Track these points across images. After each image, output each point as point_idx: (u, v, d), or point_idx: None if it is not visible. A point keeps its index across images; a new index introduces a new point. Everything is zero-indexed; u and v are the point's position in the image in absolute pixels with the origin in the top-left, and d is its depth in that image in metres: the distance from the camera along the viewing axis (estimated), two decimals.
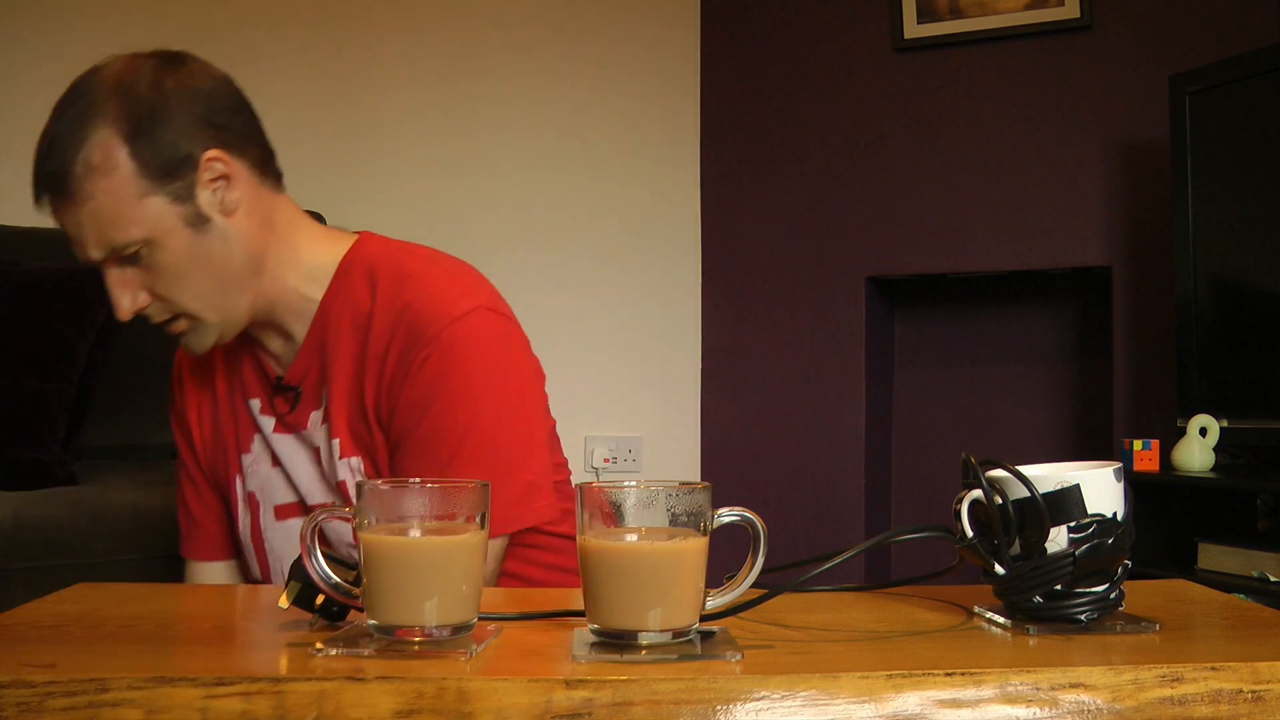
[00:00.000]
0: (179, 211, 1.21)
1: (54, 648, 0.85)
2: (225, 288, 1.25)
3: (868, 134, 3.07)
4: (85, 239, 1.20)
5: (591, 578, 0.82)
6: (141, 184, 1.19)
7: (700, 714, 0.73)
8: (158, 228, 1.20)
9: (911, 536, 0.92)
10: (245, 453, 1.38)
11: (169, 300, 1.24)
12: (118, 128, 1.18)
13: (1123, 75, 2.80)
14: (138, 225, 1.19)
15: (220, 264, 1.24)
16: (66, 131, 1.18)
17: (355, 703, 0.73)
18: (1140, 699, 0.75)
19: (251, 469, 1.37)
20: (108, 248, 1.20)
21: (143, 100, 1.19)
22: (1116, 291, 2.81)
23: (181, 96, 1.21)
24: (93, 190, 1.18)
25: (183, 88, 1.21)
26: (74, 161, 1.17)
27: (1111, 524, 0.87)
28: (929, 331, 3.25)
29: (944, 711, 0.73)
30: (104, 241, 1.20)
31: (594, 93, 3.22)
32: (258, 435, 1.36)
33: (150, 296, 1.23)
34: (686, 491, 0.82)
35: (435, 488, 0.87)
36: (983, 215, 2.95)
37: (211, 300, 1.25)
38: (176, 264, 1.22)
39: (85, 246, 1.21)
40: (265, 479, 1.36)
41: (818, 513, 3.07)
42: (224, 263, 1.24)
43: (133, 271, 1.22)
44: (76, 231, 1.20)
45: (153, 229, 1.20)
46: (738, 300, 3.20)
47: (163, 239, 1.20)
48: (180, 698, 0.73)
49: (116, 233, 1.19)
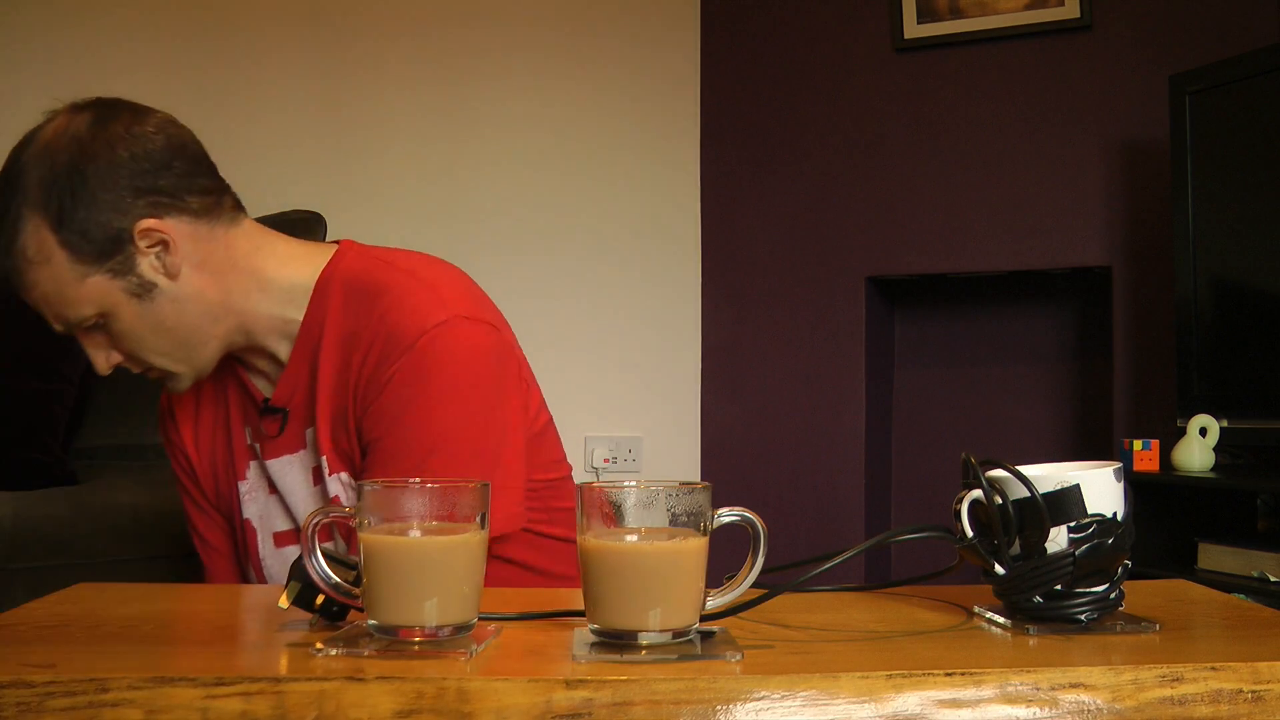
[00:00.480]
0: (121, 285, 1.24)
1: (54, 648, 0.85)
2: (186, 343, 1.28)
3: (868, 134, 3.07)
4: (46, 316, 1.26)
5: (591, 578, 0.82)
6: (77, 268, 1.22)
7: (700, 714, 0.73)
8: (105, 303, 1.24)
9: (911, 536, 0.92)
10: (241, 480, 1.38)
11: (135, 357, 1.28)
12: (46, 217, 1.20)
13: (1123, 75, 2.80)
14: (85, 304, 1.23)
15: (174, 324, 1.27)
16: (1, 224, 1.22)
17: (355, 703, 0.73)
18: (1140, 699, 0.75)
19: (249, 496, 1.37)
20: (66, 323, 1.26)
21: (65, 185, 1.20)
22: (1116, 291, 2.81)
23: (107, 172, 1.21)
24: (35, 279, 1.22)
25: (110, 161, 1.21)
26: (12, 255, 1.22)
27: (1111, 524, 0.87)
28: (929, 331, 3.25)
29: (944, 711, 0.73)
30: (61, 318, 1.25)
31: (594, 93, 3.21)
32: (253, 462, 1.37)
33: (120, 354, 1.28)
34: (686, 491, 0.82)
35: (435, 488, 0.87)
36: (983, 215, 2.95)
37: (175, 355, 1.29)
38: (133, 331, 1.26)
39: (49, 321, 1.27)
40: (264, 506, 1.37)
41: (818, 513, 3.07)
42: (178, 322, 1.27)
43: (100, 335, 1.27)
44: (37, 310, 1.26)
45: (100, 305, 1.24)
46: (738, 300, 3.20)
47: (113, 311, 1.24)
48: (180, 698, 0.73)
49: (69, 311, 1.24)
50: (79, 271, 1.21)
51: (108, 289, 1.23)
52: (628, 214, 3.21)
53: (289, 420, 1.32)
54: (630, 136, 3.22)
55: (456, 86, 3.18)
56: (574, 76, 3.21)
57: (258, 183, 3.04)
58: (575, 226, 3.17)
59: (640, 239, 3.21)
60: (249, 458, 1.37)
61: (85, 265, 1.21)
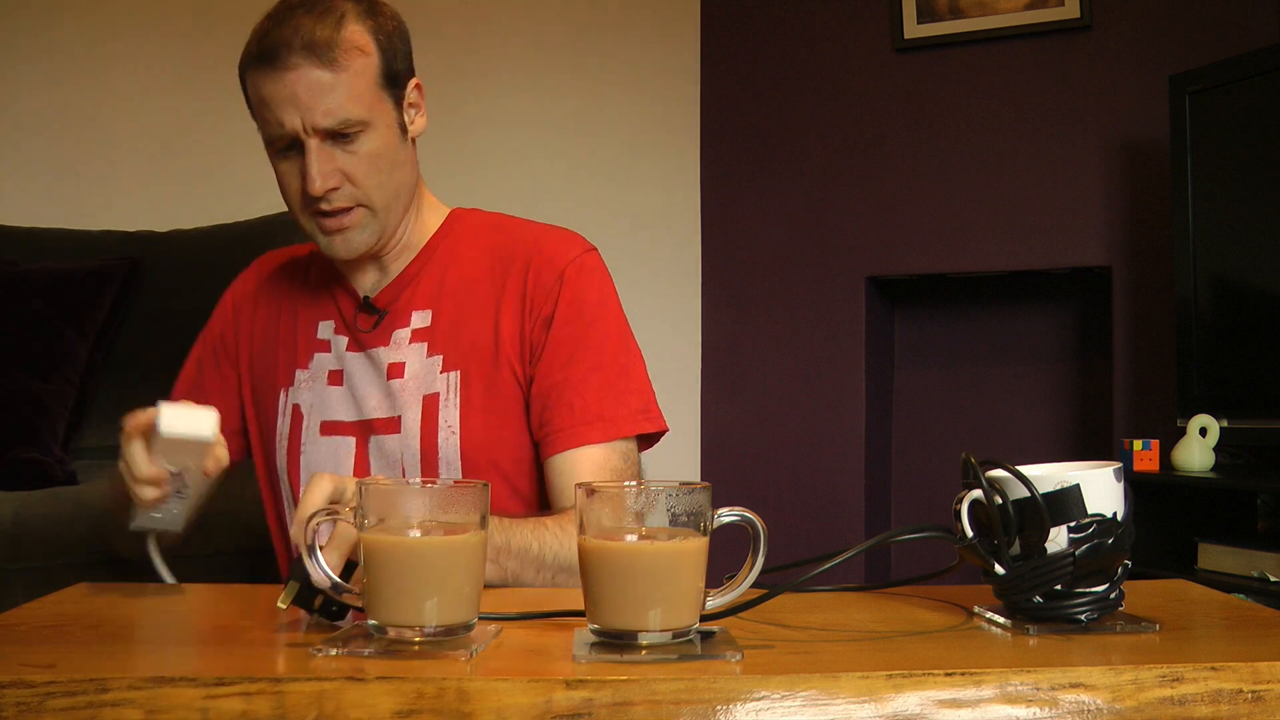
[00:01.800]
0: (395, 114, 1.35)
1: (54, 648, 0.85)
2: (400, 195, 1.37)
3: (868, 134, 3.07)
4: (315, 106, 1.27)
5: (592, 578, 0.82)
6: (380, 77, 1.32)
7: (700, 714, 0.73)
8: (382, 118, 1.33)
9: (912, 537, 0.92)
10: (301, 368, 1.44)
11: (360, 186, 1.33)
12: (368, 26, 1.32)
13: (1123, 75, 2.80)
14: (370, 109, 1.31)
15: (404, 173, 1.37)
16: (325, 15, 1.29)
17: (355, 703, 0.73)
18: (1140, 699, 0.75)
19: (305, 384, 1.43)
20: (336, 119, 1.28)
21: (385, 14, 1.35)
22: (1116, 291, 2.81)
23: (403, 27, 1.38)
24: (349, 63, 1.29)
25: (400, 20, 1.38)
26: (340, 33, 1.29)
27: (1111, 524, 0.87)
28: (929, 331, 3.25)
29: (944, 711, 0.73)
30: (336, 113, 1.28)
31: (594, 93, 3.21)
32: (320, 355, 1.44)
33: (341, 179, 1.31)
34: (686, 491, 0.83)
35: (435, 488, 0.87)
36: (983, 215, 2.95)
37: (391, 199, 1.36)
38: (382, 154, 1.33)
39: (311, 113, 1.27)
40: (319, 395, 1.42)
41: (818, 513, 3.07)
42: (406, 174, 1.38)
43: (335, 151, 1.30)
44: (310, 97, 1.27)
45: (379, 117, 1.32)
46: (738, 300, 3.20)
47: (381, 129, 1.32)
48: (180, 698, 0.73)
49: (353, 107, 1.29)
50: (381, 80, 1.32)
51: (387, 108, 1.33)
52: (628, 214, 3.21)
53: (383, 320, 1.41)
54: (631, 136, 3.22)
55: (457, 86, 3.18)
56: (574, 76, 3.21)
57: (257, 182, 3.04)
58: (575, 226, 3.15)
59: (640, 239, 3.21)
60: (316, 350, 1.44)
61: (384, 78, 1.32)
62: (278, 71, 1.27)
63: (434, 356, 1.39)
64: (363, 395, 1.40)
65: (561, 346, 1.36)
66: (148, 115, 3.08)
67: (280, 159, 1.33)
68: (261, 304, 1.51)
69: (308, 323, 1.46)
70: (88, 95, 3.09)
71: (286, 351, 1.46)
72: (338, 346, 1.43)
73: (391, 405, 1.39)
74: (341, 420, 1.41)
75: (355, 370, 1.42)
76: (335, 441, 1.41)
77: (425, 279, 1.42)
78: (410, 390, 1.38)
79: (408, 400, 1.38)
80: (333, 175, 1.30)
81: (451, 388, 1.37)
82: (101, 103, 3.09)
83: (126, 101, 3.10)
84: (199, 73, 3.07)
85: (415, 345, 1.40)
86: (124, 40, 3.11)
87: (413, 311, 1.41)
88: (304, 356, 1.45)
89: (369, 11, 1.33)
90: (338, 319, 1.44)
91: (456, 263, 1.43)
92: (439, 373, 1.38)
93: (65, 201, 3.03)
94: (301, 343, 1.45)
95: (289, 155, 1.32)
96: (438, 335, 1.39)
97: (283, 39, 1.27)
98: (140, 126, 3.09)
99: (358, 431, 1.40)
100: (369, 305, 1.42)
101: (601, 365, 1.37)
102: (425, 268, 1.43)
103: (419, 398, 1.38)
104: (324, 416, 1.42)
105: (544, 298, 1.38)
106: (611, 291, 1.43)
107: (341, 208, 1.33)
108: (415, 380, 1.38)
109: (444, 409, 1.36)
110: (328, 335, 1.45)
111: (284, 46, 1.27)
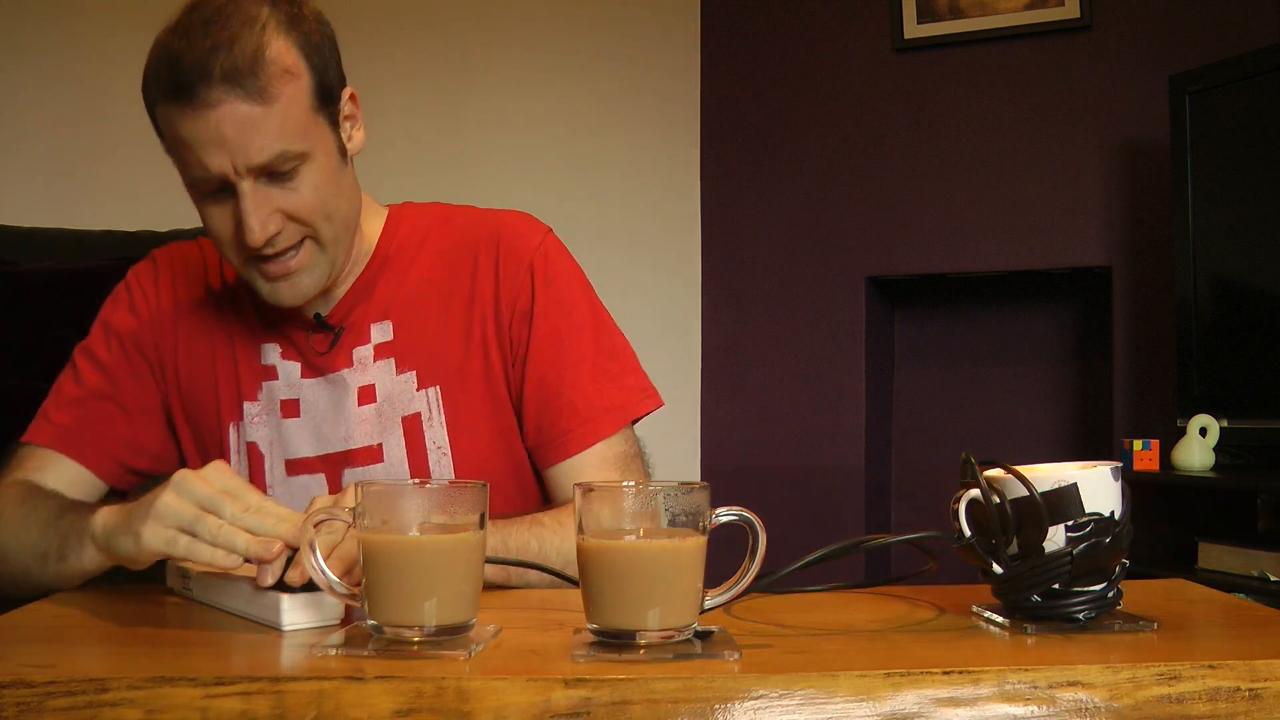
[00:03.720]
0: (333, 138, 1.20)
1: (54, 648, 0.85)
2: (349, 224, 1.24)
3: (868, 134, 3.07)
4: (246, 145, 1.12)
5: (590, 577, 0.82)
6: (314, 100, 1.16)
7: (698, 713, 0.73)
8: (320, 145, 1.18)
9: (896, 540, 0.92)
10: (249, 400, 1.30)
11: (305, 223, 1.18)
12: (293, 40, 1.15)
13: (1123, 75, 2.80)
14: (306, 138, 1.15)
15: (349, 200, 1.24)
16: (243, 30, 1.12)
17: (355, 702, 0.73)
18: (1138, 697, 0.75)
19: (258, 419, 1.30)
20: (270, 155, 1.13)
21: (308, 21, 1.18)
22: (1116, 291, 2.81)
23: (329, 30, 1.21)
24: (280, 92, 1.12)
25: (325, 22, 1.21)
26: (264, 55, 1.12)
27: (1109, 523, 0.87)
28: (929, 331, 3.25)
29: (942, 710, 0.74)
30: (269, 149, 1.13)
31: (594, 92, 3.22)
32: (268, 383, 1.30)
33: (283, 220, 1.17)
34: (685, 491, 0.83)
35: (435, 488, 0.87)
36: (983, 215, 2.95)
37: (340, 231, 1.22)
38: (324, 183, 1.18)
39: (243, 153, 1.12)
40: (276, 430, 1.29)
41: (818, 513, 3.07)
42: (351, 200, 1.24)
43: (272, 191, 1.16)
44: (239, 136, 1.12)
45: (317, 144, 1.17)
46: (738, 300, 3.20)
47: (321, 157, 1.18)
48: (180, 698, 0.73)
49: (288, 140, 1.14)
50: (313, 103, 1.16)
51: (324, 133, 1.18)
52: (628, 214, 3.21)
53: (341, 337, 1.28)
54: (630, 136, 3.22)
55: (457, 86, 3.18)
56: (574, 76, 3.21)
57: None
58: (575, 226, 3.14)
59: (640, 239, 3.21)
60: (262, 378, 1.30)
61: (318, 100, 1.17)
62: (197, 110, 1.11)
63: (405, 373, 1.28)
64: (330, 426, 1.28)
65: (547, 342, 1.27)
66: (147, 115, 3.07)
67: (206, 202, 1.18)
68: (183, 317, 1.33)
69: (247, 346, 1.30)
70: (88, 95, 3.09)
71: (227, 379, 1.31)
72: (288, 373, 1.29)
73: (367, 433, 1.27)
74: (307, 456, 1.29)
75: (314, 398, 1.28)
76: (304, 480, 1.28)
77: (379, 288, 1.30)
78: (387, 414, 1.27)
79: (386, 425, 1.27)
80: (273, 219, 1.15)
81: (433, 405, 1.27)
82: (101, 103, 3.09)
83: (126, 101, 3.06)
84: None
85: (381, 363, 1.28)
86: (124, 40, 3.10)
87: (370, 325, 1.29)
88: (249, 386, 1.30)
89: (292, 22, 1.16)
90: (283, 342, 1.30)
91: (410, 265, 1.30)
92: (415, 390, 1.27)
93: (65, 201, 3.03)
94: (244, 370, 1.30)
95: (218, 197, 1.16)
96: (403, 347, 1.28)
97: (198, 68, 1.10)
98: (140, 126, 3.05)
99: (325, 467, 1.28)
100: (322, 323, 1.28)
101: (590, 353, 1.29)
102: (379, 276, 1.30)
103: (398, 421, 1.27)
104: (286, 454, 1.29)
105: (516, 292, 1.28)
106: (578, 270, 1.33)
107: (286, 248, 1.18)
108: (390, 402, 1.27)
109: (429, 430, 1.27)
110: (274, 360, 1.30)
111: (201, 79, 1.10)
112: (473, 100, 3.19)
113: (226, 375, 1.31)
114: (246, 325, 1.31)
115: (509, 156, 3.18)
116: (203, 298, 1.33)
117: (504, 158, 3.18)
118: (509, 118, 3.19)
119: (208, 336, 1.32)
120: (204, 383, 1.31)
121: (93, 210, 2.97)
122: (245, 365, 1.30)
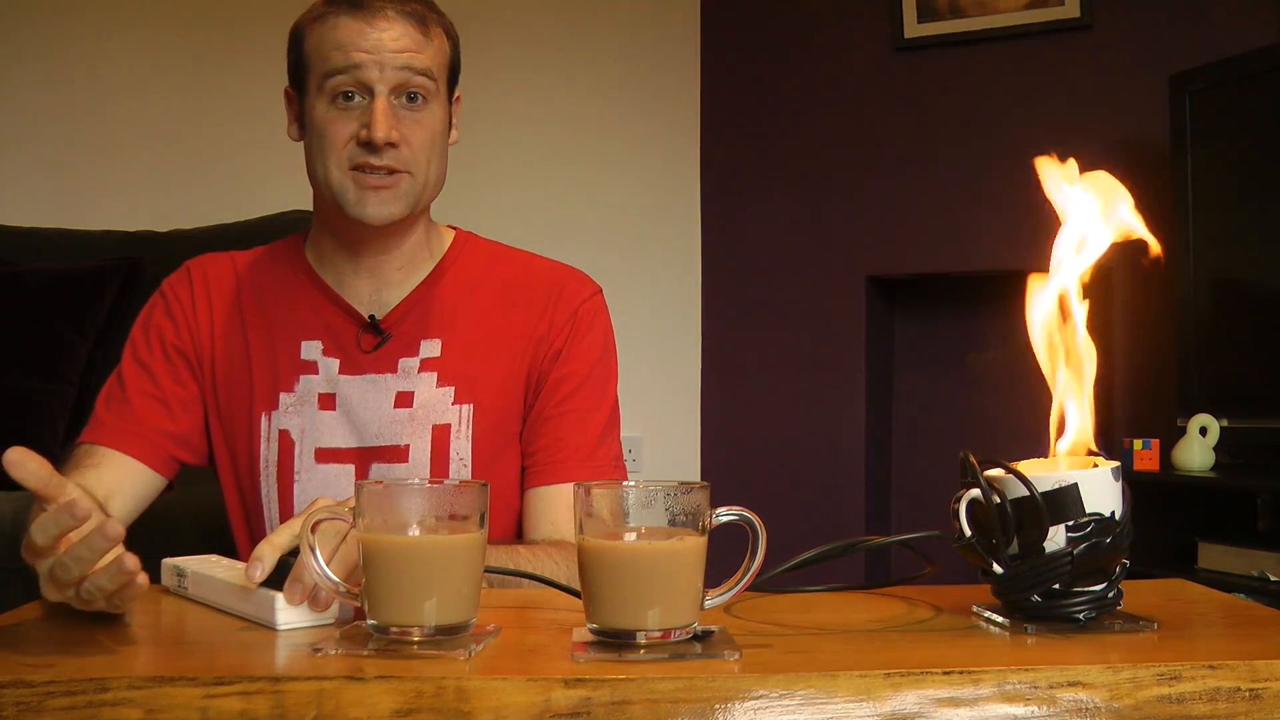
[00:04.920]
0: (448, 109, 1.39)
1: (54, 648, 0.85)
2: (437, 183, 1.38)
3: (868, 134, 3.07)
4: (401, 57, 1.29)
5: (590, 577, 0.82)
6: (449, 67, 1.38)
7: (698, 713, 0.73)
8: (441, 103, 1.36)
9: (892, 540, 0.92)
10: (285, 391, 1.38)
11: (414, 152, 1.33)
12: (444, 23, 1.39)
13: (1123, 75, 2.80)
14: (440, 82, 1.35)
15: (442, 167, 1.39)
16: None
17: (355, 702, 0.73)
18: (1138, 697, 0.75)
19: (292, 408, 1.38)
20: (418, 69, 1.31)
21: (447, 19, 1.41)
22: (1116, 291, 2.81)
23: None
24: (436, 34, 1.35)
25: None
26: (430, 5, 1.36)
27: (1110, 523, 0.87)
28: (929, 331, 3.25)
29: (942, 710, 0.74)
30: (418, 65, 1.31)
31: (594, 92, 3.21)
32: (306, 377, 1.38)
33: (400, 140, 1.31)
34: (685, 491, 0.83)
35: (435, 487, 0.87)
36: (983, 215, 2.95)
37: (433, 181, 1.37)
38: (437, 133, 1.35)
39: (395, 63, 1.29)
40: (310, 420, 1.37)
41: (818, 513, 3.07)
42: (442, 170, 1.39)
43: (400, 112, 1.31)
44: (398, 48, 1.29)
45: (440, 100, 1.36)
46: (738, 300, 3.20)
47: (439, 112, 1.35)
48: (180, 698, 0.73)
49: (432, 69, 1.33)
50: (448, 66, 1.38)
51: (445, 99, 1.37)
52: (628, 214, 3.21)
53: (388, 343, 1.38)
54: (630, 136, 3.22)
55: None
56: (574, 76, 3.21)
57: (256, 182, 3.05)
58: (575, 226, 3.17)
59: (640, 239, 3.21)
60: (300, 371, 1.38)
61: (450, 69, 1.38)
62: (370, 16, 1.29)
63: (445, 388, 1.37)
64: (363, 421, 1.36)
65: (565, 381, 1.38)
66: (148, 115, 3.08)
67: (330, 105, 1.31)
68: (218, 318, 1.42)
69: (287, 342, 1.39)
70: (88, 95, 3.09)
71: (262, 373, 1.39)
72: (328, 369, 1.38)
73: (397, 433, 1.36)
74: (339, 447, 1.37)
75: (352, 395, 1.37)
76: (333, 469, 1.36)
77: (435, 305, 1.40)
78: (419, 419, 1.36)
79: (416, 429, 1.35)
80: (394, 130, 1.29)
81: (464, 420, 1.36)
82: (101, 103, 3.09)
83: (126, 101, 3.10)
84: (199, 73, 3.07)
85: (425, 375, 1.37)
86: (124, 40, 3.11)
87: (422, 340, 1.38)
88: (286, 379, 1.38)
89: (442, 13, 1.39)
90: (326, 339, 1.39)
91: (468, 293, 1.41)
92: (450, 404, 1.36)
93: (65, 201, 3.03)
94: (282, 364, 1.39)
95: (342, 103, 1.30)
96: (449, 366, 1.37)
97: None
98: (140, 126, 3.09)
99: (356, 458, 1.36)
100: (374, 325, 1.38)
101: (598, 407, 1.39)
102: (434, 291, 1.40)
103: (428, 427, 1.36)
104: (318, 443, 1.37)
105: (556, 332, 1.39)
106: (613, 339, 1.46)
107: (390, 168, 1.31)
108: (424, 409, 1.36)
109: (455, 440, 1.35)
110: (314, 356, 1.39)
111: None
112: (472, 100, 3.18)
113: (262, 369, 1.39)
114: (287, 323, 1.40)
115: (509, 157, 3.18)
116: (235, 302, 1.42)
117: (504, 158, 3.18)
118: (509, 118, 3.18)
119: (243, 335, 1.41)
120: (238, 375, 1.40)
121: (93, 210, 2.98)
122: (284, 359, 1.39)
